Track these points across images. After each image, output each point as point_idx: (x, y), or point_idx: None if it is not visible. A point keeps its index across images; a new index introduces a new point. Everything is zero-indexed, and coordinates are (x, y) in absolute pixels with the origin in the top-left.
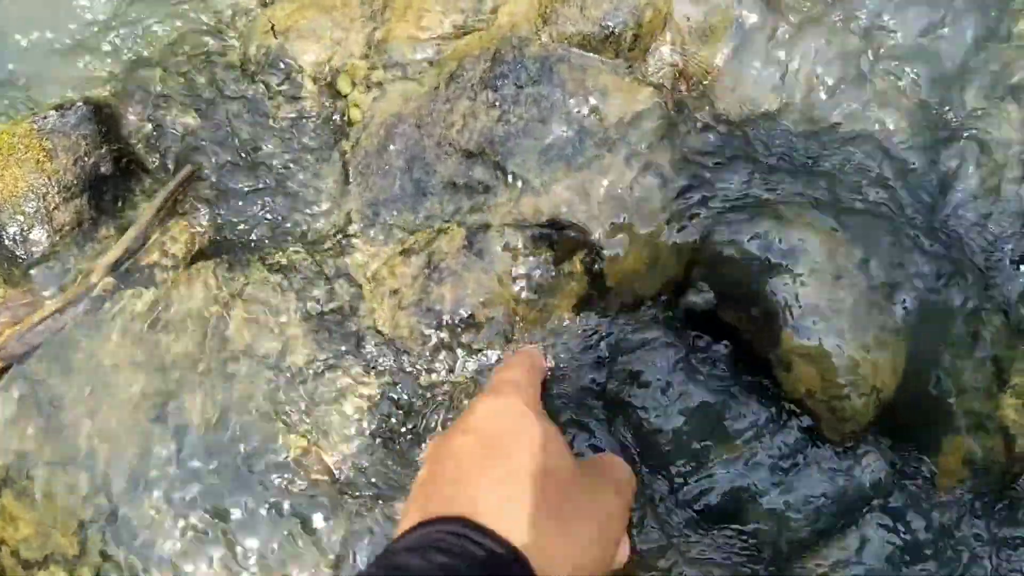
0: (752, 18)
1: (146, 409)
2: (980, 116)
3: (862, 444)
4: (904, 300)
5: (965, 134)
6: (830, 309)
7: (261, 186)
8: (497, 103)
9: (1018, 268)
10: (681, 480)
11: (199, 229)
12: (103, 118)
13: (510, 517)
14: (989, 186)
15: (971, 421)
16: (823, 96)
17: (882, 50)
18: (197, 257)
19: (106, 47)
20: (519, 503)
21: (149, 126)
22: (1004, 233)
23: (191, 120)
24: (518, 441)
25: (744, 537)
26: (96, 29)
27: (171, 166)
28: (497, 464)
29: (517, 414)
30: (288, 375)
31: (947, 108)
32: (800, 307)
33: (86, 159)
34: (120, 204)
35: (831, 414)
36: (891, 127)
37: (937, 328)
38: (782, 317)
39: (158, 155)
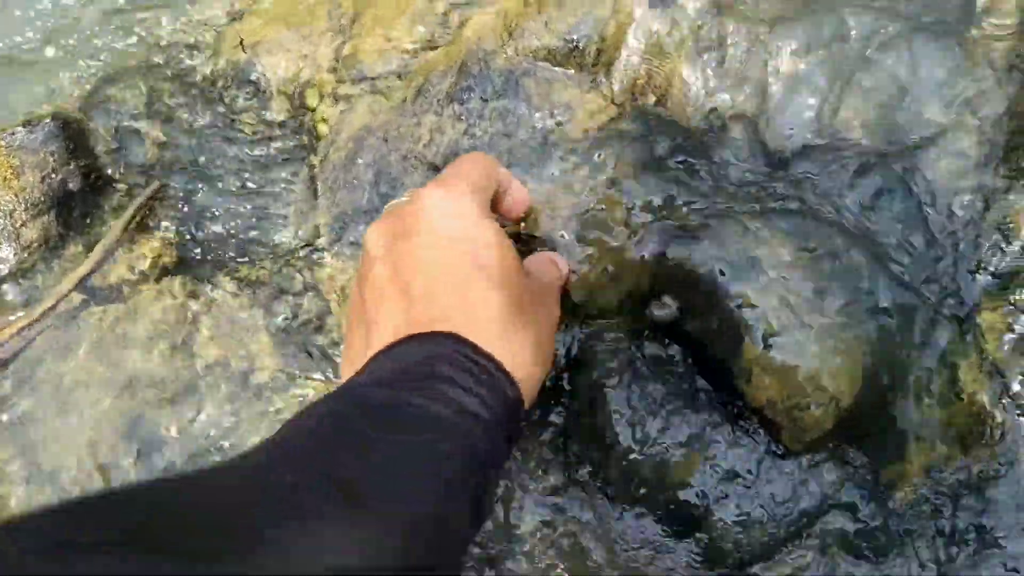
0: (715, 30)
1: (114, 427)
2: (942, 126)
3: (822, 453)
4: (862, 309)
5: (928, 144)
6: (789, 320)
7: (229, 201)
8: (463, 117)
9: (974, 277)
10: (643, 492)
11: (167, 245)
12: (71, 134)
13: (493, 334)
14: (947, 197)
15: (928, 429)
16: (787, 106)
17: (848, 59)
18: (164, 273)
19: (74, 63)
20: (499, 319)
21: (117, 141)
22: (961, 242)
23: (159, 135)
24: (484, 250)
25: (705, 548)
26: (64, 44)
27: (139, 181)
28: (471, 276)
29: (475, 217)
30: (255, 390)
31: (911, 118)
32: (760, 318)
33: (54, 176)
34: (88, 220)
35: (791, 424)
36: (855, 136)
37: (895, 337)
38: (743, 328)
39: (126, 170)
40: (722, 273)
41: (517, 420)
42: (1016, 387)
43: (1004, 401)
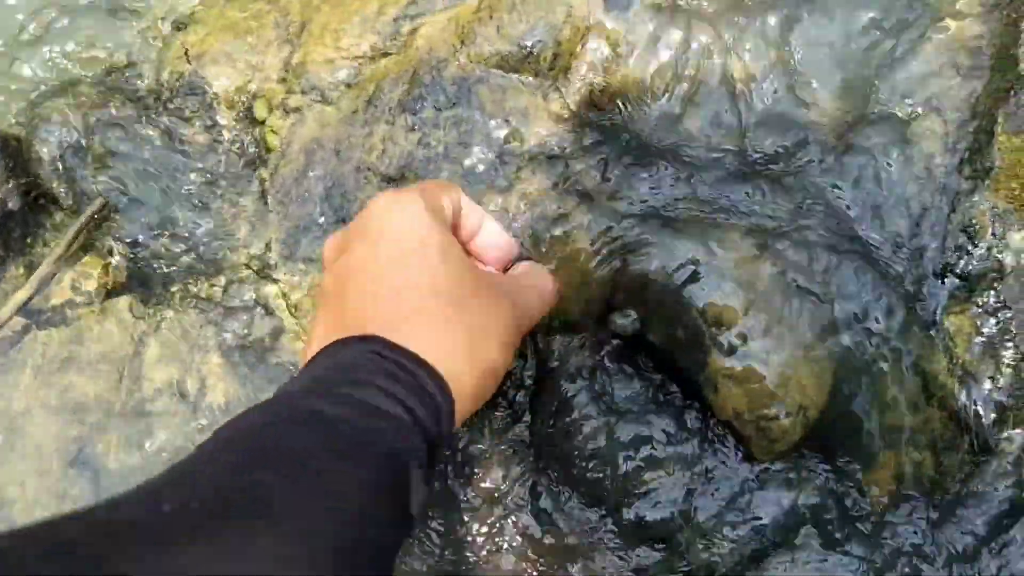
0: (674, 33)
1: (61, 454)
2: (905, 123)
3: (792, 463)
4: (829, 316)
5: (890, 145)
6: (754, 328)
7: (177, 217)
8: (416, 126)
9: (942, 281)
10: (611, 507)
11: (113, 264)
12: (10, 151)
13: (421, 333)
14: (912, 197)
15: (900, 436)
16: (748, 110)
17: (805, 58)
18: (111, 293)
19: (13, 76)
20: (428, 317)
21: (58, 158)
22: (928, 245)
23: (103, 151)
24: (421, 248)
25: (677, 563)
26: (1, 57)
27: (82, 200)
28: (405, 277)
29: (418, 219)
30: (208, 412)
31: (872, 116)
32: (724, 327)
33: None
34: (30, 241)
35: (760, 434)
36: (816, 139)
37: (862, 343)
38: (707, 338)
39: (69, 188)
40: (685, 282)
41: (445, 416)
42: (987, 390)
43: (975, 405)
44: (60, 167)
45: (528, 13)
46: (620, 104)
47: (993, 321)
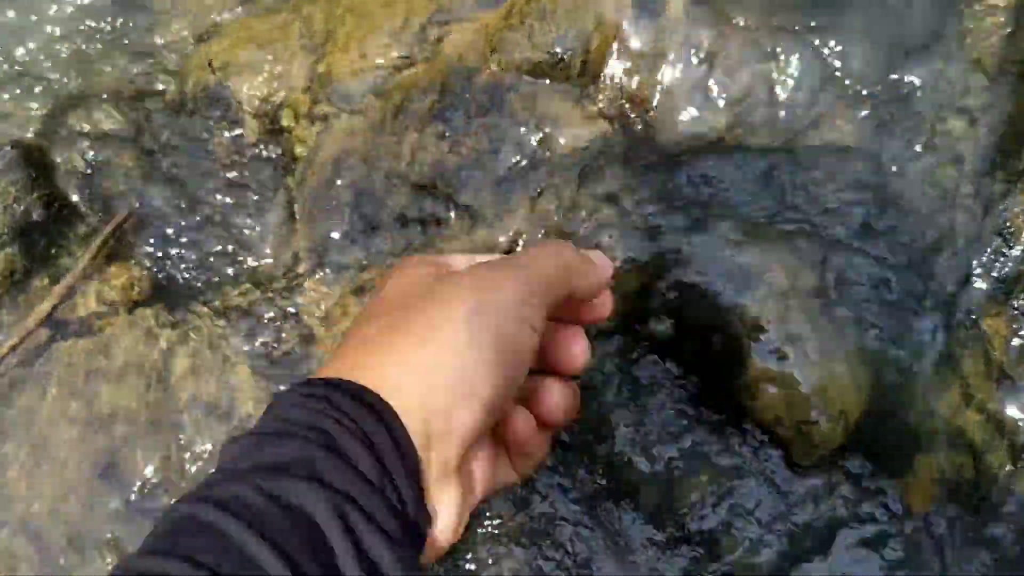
0: (703, 39)
1: (88, 466)
2: (935, 131)
3: (833, 468)
4: (867, 321)
5: (923, 151)
6: (793, 334)
7: (203, 227)
8: (447, 134)
9: (976, 284)
10: (653, 516)
11: (138, 274)
12: (34, 162)
13: (377, 371)
14: (946, 201)
15: (939, 439)
16: (779, 115)
17: (839, 69)
18: (137, 303)
19: (37, 87)
20: (383, 356)
21: (83, 169)
22: (963, 249)
23: (127, 161)
24: (406, 300)
25: (716, 568)
26: (25, 68)
27: (107, 210)
28: (381, 323)
29: (412, 273)
30: (237, 423)
31: (905, 120)
32: (762, 333)
33: (16, 206)
34: (54, 251)
35: (800, 440)
36: (847, 145)
37: (901, 347)
38: (744, 344)
39: (93, 199)
40: (720, 288)
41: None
42: None
43: (1014, 408)
44: (84, 177)
45: (558, 20)
46: (651, 110)
47: None
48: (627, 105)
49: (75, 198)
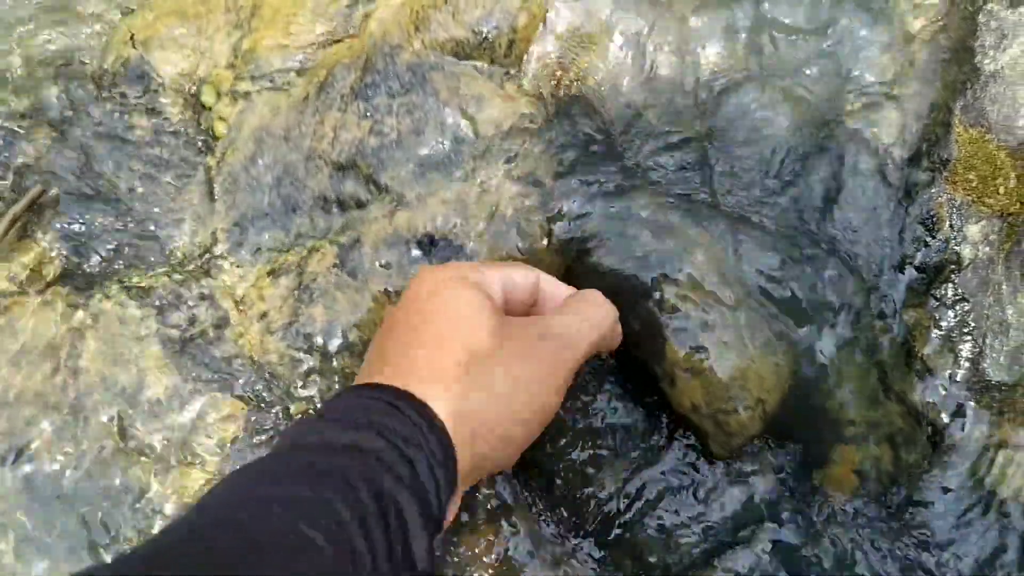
0: (631, 20)
1: None
2: (864, 118)
3: (750, 458)
4: (787, 308)
5: (849, 137)
6: (712, 320)
7: (119, 205)
8: (369, 113)
9: (900, 273)
10: (566, 505)
11: (50, 253)
12: None
13: (424, 381)
14: (870, 189)
15: (858, 430)
16: (708, 97)
17: (769, 48)
18: (48, 284)
19: None
20: (432, 368)
21: None
22: (886, 238)
23: (42, 138)
24: (436, 311)
25: (634, 561)
26: None
27: (20, 186)
28: (418, 334)
29: (440, 282)
30: (147, 407)
31: (833, 109)
32: (682, 319)
33: None
34: None
35: (717, 428)
36: (777, 128)
37: (821, 336)
38: (665, 330)
39: (5, 174)
40: (641, 272)
41: (448, 460)
42: (945, 384)
43: (933, 399)
44: None
45: None
46: (578, 92)
47: (951, 314)
48: (553, 86)
49: None
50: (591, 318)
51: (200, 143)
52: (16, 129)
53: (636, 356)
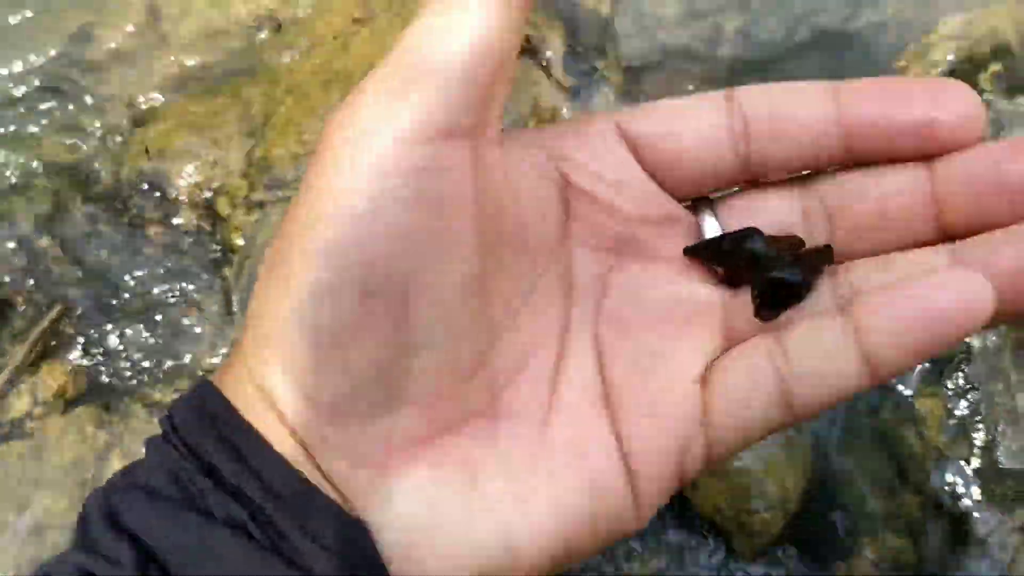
0: None
1: None
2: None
3: (772, 558)
4: None
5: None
6: None
7: (138, 320)
8: None
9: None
10: None
11: (72, 371)
12: None
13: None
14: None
15: (878, 522)
16: None
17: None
18: (71, 403)
19: None
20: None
21: (15, 262)
22: None
23: (60, 253)
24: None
25: None
26: None
27: (41, 304)
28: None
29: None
30: None
31: None
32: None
33: None
34: None
35: (740, 530)
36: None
37: (837, 430)
38: None
39: (26, 293)
40: None
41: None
42: (961, 473)
43: (952, 488)
44: (16, 271)
45: None
46: None
47: (963, 403)
48: None
49: (7, 293)
50: None
51: (218, 253)
52: (35, 246)
53: None
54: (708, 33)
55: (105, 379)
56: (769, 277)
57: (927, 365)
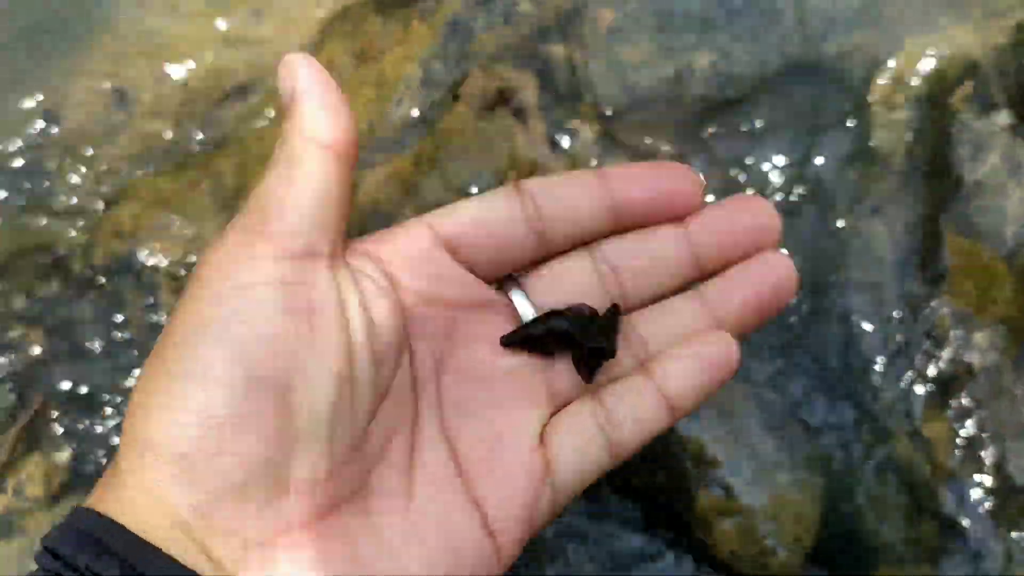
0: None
1: None
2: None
3: None
4: (812, 439)
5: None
6: (740, 462)
7: (121, 405)
8: None
9: (913, 389)
10: None
11: (58, 464)
12: None
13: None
14: (873, 308)
15: (896, 552)
16: None
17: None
18: (58, 495)
19: None
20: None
21: None
22: (897, 354)
23: (38, 342)
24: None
25: None
26: None
27: (20, 396)
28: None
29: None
30: None
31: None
32: (708, 465)
33: None
34: None
35: (758, 571)
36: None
37: (848, 462)
38: (692, 478)
39: (5, 385)
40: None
41: None
42: (975, 494)
43: (967, 509)
44: None
45: (468, 162)
46: None
47: (970, 422)
48: None
49: None
50: None
51: None
52: (11, 336)
53: (670, 505)
54: (680, 72)
55: (89, 467)
56: (589, 347)
57: (930, 388)
